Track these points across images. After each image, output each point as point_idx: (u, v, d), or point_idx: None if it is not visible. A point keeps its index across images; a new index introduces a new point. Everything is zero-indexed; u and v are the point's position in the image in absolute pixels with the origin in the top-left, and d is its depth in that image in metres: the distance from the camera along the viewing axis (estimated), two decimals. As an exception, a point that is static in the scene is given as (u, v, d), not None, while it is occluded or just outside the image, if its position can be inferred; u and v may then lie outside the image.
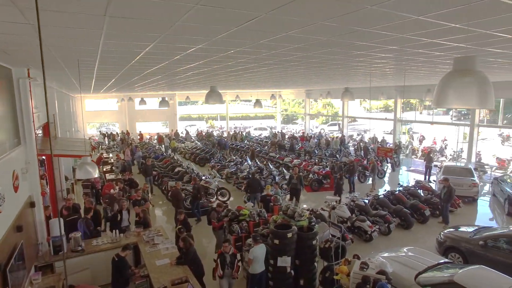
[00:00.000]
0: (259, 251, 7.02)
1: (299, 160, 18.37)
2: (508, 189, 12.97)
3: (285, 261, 7.20)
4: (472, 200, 14.19)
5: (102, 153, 22.88)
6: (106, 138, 31.97)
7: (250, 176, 13.69)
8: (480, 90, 2.72)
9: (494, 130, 34.95)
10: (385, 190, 13.87)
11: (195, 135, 33.72)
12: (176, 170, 16.76)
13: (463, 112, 34.32)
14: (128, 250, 7.15)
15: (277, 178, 15.22)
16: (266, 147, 25.00)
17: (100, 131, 35.10)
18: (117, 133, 33.01)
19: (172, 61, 7.16)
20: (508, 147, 30.39)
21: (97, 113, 34.38)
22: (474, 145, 20.31)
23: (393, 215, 11.35)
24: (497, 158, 21.54)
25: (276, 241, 7.21)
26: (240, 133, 32.07)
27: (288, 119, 48.94)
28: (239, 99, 29.13)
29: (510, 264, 7.71)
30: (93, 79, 11.67)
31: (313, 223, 8.01)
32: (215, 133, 33.77)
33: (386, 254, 8.10)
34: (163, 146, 26.79)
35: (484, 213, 13.59)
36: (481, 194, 15.17)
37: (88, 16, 3.17)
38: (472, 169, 15.32)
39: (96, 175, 8.54)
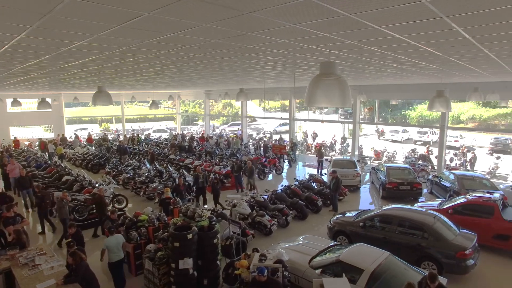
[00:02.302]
0: (113, 241, 7.50)
1: (199, 161, 18.29)
2: (382, 177, 15.10)
3: (186, 263, 7.11)
4: (356, 188, 16.10)
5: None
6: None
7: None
8: (341, 91, 3.17)
9: (372, 126, 40.68)
10: (283, 185, 14.78)
11: (86, 139, 30.60)
12: (64, 179, 15.02)
13: (349, 111, 38.94)
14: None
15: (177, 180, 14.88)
16: (166, 149, 24.24)
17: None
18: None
19: (50, 57, 6.40)
20: (383, 140, 35.52)
21: None
22: (357, 140, 23.18)
23: (290, 208, 12.18)
24: (374, 150, 24.84)
25: (176, 244, 7.08)
26: (138, 135, 30.40)
27: (189, 120, 48.34)
28: (135, 100, 27.46)
29: (382, 238, 9.02)
30: None
31: (214, 222, 8.09)
32: (110, 137, 31.27)
33: (284, 245, 8.66)
34: (47, 153, 23.64)
35: (366, 199, 15.57)
36: (363, 183, 17.34)
37: None
38: (355, 161, 17.40)
39: None
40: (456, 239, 8.41)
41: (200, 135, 30.40)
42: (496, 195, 10.82)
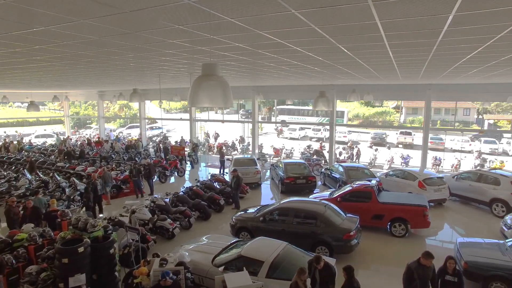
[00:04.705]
0: None
1: (94, 167, 16.82)
2: (280, 173, 16.05)
3: (78, 280, 6.50)
4: (257, 185, 16.80)
5: None
6: None
7: None
8: (223, 91, 3.31)
9: (272, 125, 42.97)
10: (185, 186, 14.57)
11: None
12: None
13: (249, 111, 40.34)
14: None
15: (67, 190, 13.45)
16: (53, 156, 21.62)
17: None
18: None
19: None
20: (282, 138, 37.78)
21: None
22: (257, 139, 24.17)
23: (193, 209, 12.09)
24: (273, 148, 26.23)
25: (65, 260, 6.40)
26: (18, 142, 26.39)
27: (81, 123, 43.93)
28: (8, 101, 23.60)
29: (281, 230, 9.61)
30: None
31: (110, 231, 7.55)
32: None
33: (187, 246, 8.58)
34: None
35: (267, 194, 16.37)
36: (263, 179, 18.17)
37: None
38: (255, 159, 18.12)
39: None
40: (343, 223, 9.46)
41: (95, 139, 27.89)
42: (373, 181, 12.51)
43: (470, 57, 6.83)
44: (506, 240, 8.63)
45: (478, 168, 20.02)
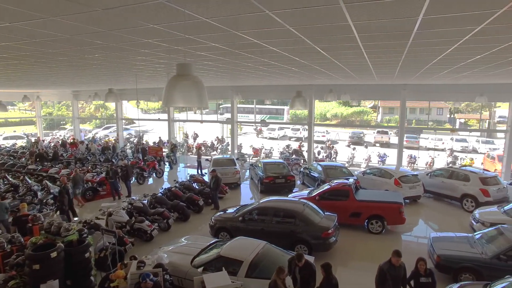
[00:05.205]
0: None
1: (68, 170, 16.33)
2: (260, 172, 16.09)
3: (51, 287, 6.29)
4: (236, 185, 16.78)
5: None
6: None
7: None
8: (197, 91, 3.31)
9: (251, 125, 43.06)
10: (163, 188, 14.38)
11: None
12: None
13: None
14: None
15: (39, 193, 12.99)
16: (24, 159, 20.83)
17: None
18: None
19: None
20: (261, 138, 37.89)
21: None
22: (236, 139, 24.12)
23: (171, 210, 11.95)
24: (252, 148, 26.26)
25: (36, 266, 6.19)
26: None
27: (54, 124, 42.50)
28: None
29: (261, 229, 9.64)
30: None
31: (85, 235, 7.36)
32: None
33: (166, 248, 8.48)
34: None
35: (246, 194, 16.38)
36: (243, 179, 18.16)
37: None
38: (235, 159, 18.10)
39: None
40: (321, 222, 9.60)
41: (71, 140, 27.05)
42: (351, 180, 12.74)
43: (440, 58, 7.08)
44: (475, 233, 9.03)
45: (450, 165, 20.77)
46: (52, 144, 26.18)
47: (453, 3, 3.10)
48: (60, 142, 26.88)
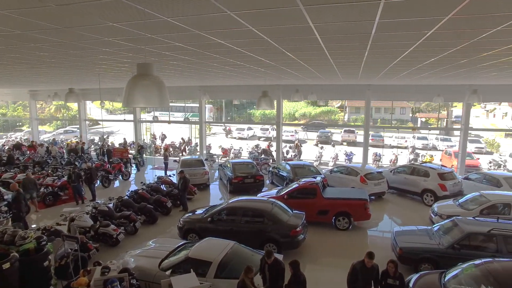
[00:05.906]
0: None
1: (24, 174, 15.45)
2: (229, 172, 16.04)
3: (7, 298, 5.96)
4: (205, 186, 16.62)
5: None
6: None
7: None
8: (158, 91, 3.27)
9: (221, 126, 42.78)
10: (130, 190, 13.99)
11: None
12: None
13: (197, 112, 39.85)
14: None
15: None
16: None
17: None
18: None
19: None
20: (231, 138, 37.78)
21: None
22: (204, 139, 23.91)
23: (138, 213, 11.65)
24: (221, 148, 26.13)
25: (-12, 278, 5.84)
26: None
27: (9, 126, 40.06)
28: None
29: (230, 230, 9.62)
30: None
31: (44, 243, 7.02)
32: None
33: (133, 252, 8.28)
34: None
35: (215, 195, 16.27)
36: (212, 180, 18.03)
37: None
38: (203, 160, 17.93)
39: None
40: (290, 220, 9.74)
41: (29, 143, 25.61)
42: (318, 178, 13.01)
43: (400, 60, 7.40)
44: (433, 226, 9.53)
45: (412, 162, 21.73)
46: (7, 148, 24.65)
47: (404, 9, 3.26)
48: (13, 144, 25.30)
